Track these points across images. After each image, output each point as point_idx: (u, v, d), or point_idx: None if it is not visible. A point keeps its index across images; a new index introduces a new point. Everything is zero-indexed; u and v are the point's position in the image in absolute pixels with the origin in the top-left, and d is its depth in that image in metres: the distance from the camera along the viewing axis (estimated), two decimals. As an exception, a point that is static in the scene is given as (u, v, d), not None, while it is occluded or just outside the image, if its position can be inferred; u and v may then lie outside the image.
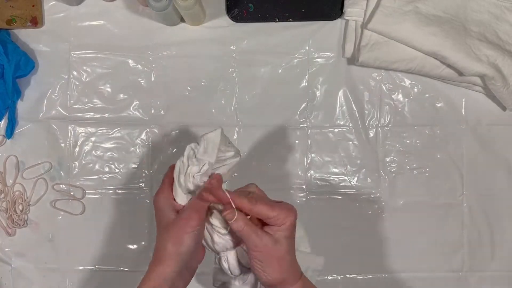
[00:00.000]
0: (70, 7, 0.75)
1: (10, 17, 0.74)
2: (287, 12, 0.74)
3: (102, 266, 0.76)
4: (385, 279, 0.75)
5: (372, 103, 0.75)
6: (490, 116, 0.75)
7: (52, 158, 0.76)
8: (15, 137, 0.75)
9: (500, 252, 0.75)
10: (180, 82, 0.75)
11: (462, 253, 0.75)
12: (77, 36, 0.75)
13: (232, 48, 0.75)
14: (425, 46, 0.69)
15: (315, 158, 0.75)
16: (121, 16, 0.75)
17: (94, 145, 0.76)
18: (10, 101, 0.73)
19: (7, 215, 0.75)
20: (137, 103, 0.76)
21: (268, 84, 0.75)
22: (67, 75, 0.75)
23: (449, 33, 0.68)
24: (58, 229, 0.76)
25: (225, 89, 0.75)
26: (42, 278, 0.76)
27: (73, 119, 0.76)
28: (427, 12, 0.70)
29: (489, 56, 0.69)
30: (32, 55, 0.75)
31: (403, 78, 0.75)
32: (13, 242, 0.76)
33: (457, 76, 0.72)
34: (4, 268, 0.76)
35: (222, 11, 0.74)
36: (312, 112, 0.75)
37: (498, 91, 0.70)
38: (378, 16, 0.69)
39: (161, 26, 0.75)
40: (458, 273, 0.75)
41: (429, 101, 0.75)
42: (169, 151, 0.75)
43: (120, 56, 0.75)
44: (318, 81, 0.75)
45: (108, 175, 0.76)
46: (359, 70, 0.75)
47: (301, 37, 0.75)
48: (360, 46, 0.71)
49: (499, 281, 0.75)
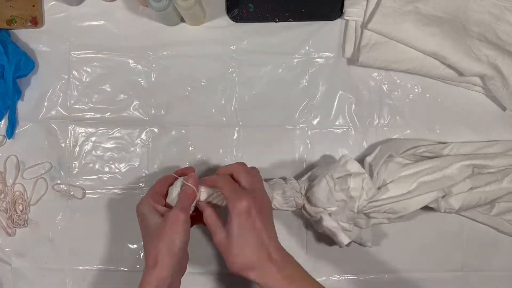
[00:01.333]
0: (70, 7, 0.75)
1: (10, 17, 0.74)
2: (287, 12, 0.74)
3: (102, 266, 0.76)
4: (385, 279, 0.75)
5: (372, 103, 0.75)
6: (490, 116, 0.75)
7: (52, 158, 0.76)
8: (15, 137, 0.75)
9: (500, 252, 0.75)
10: (180, 82, 0.75)
11: (462, 252, 0.75)
12: (77, 36, 0.75)
13: (232, 48, 0.75)
14: (425, 46, 0.69)
15: (315, 158, 0.75)
16: (121, 16, 0.75)
17: (94, 145, 0.76)
18: (11, 101, 0.73)
19: (7, 215, 0.75)
20: (137, 103, 0.76)
21: (268, 84, 0.75)
22: (67, 75, 0.76)
23: (449, 33, 0.69)
24: (58, 229, 0.76)
25: (225, 89, 0.75)
26: (42, 278, 0.76)
27: (73, 119, 0.76)
28: (427, 12, 0.70)
29: (489, 56, 0.69)
30: (32, 55, 0.75)
31: (403, 78, 0.75)
32: (13, 242, 0.76)
33: (457, 76, 0.72)
34: (4, 268, 0.76)
35: (222, 11, 0.75)
36: (312, 112, 0.75)
37: (498, 91, 0.71)
38: (378, 16, 0.69)
39: (161, 26, 0.75)
40: (458, 272, 0.75)
41: (429, 101, 0.75)
42: (169, 151, 0.75)
43: (120, 56, 0.75)
44: (318, 81, 0.75)
45: (108, 175, 0.76)
46: (359, 70, 0.75)
47: (301, 37, 0.75)
48: (360, 46, 0.71)
49: (499, 281, 0.75)
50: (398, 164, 0.69)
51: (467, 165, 0.69)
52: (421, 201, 0.68)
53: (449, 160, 0.69)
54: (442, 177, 0.68)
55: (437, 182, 0.68)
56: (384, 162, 0.68)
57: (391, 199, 0.67)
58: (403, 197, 0.67)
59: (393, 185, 0.68)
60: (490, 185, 0.69)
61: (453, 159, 0.69)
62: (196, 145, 0.75)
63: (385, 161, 0.68)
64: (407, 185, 0.68)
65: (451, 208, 0.68)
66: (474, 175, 0.69)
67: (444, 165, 0.68)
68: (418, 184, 0.68)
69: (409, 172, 0.68)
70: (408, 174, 0.68)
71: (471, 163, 0.69)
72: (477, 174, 0.69)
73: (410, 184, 0.68)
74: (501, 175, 0.69)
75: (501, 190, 0.70)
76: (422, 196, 0.68)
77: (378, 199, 0.67)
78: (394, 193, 0.68)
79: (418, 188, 0.68)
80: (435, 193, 0.68)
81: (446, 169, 0.68)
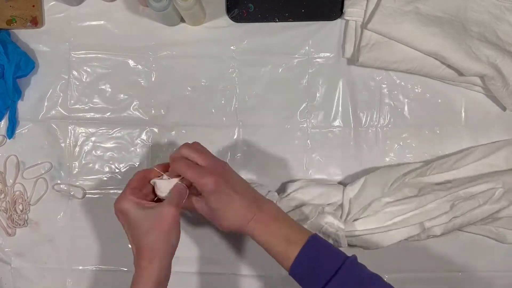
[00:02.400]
0: (70, 7, 0.75)
1: (10, 17, 0.74)
2: (287, 12, 0.74)
3: (102, 266, 0.76)
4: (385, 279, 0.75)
5: (372, 103, 0.75)
6: (490, 116, 0.75)
7: (52, 158, 0.76)
8: (16, 137, 0.76)
9: (499, 252, 0.75)
10: (180, 82, 0.75)
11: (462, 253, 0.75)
12: (77, 36, 0.75)
13: (232, 48, 0.75)
14: (425, 46, 0.69)
15: (315, 158, 0.75)
16: (121, 16, 0.75)
17: (94, 145, 0.76)
18: (11, 101, 0.73)
19: (7, 215, 0.75)
20: (137, 103, 0.76)
21: (268, 84, 0.75)
22: (67, 75, 0.76)
23: (449, 33, 0.69)
24: (58, 229, 0.76)
25: (225, 89, 0.75)
26: (42, 278, 0.76)
27: (73, 119, 0.76)
28: (427, 12, 0.70)
29: (489, 56, 0.69)
30: (32, 55, 0.75)
31: (403, 78, 0.75)
32: (13, 242, 0.76)
33: (457, 76, 0.72)
34: (4, 268, 0.76)
35: (222, 11, 0.75)
36: (312, 112, 0.75)
37: (498, 91, 0.71)
38: (378, 16, 0.69)
39: (161, 26, 0.75)
40: (458, 273, 0.75)
41: (429, 101, 0.75)
42: (169, 151, 0.75)
43: (120, 56, 0.75)
44: (318, 81, 0.75)
45: (108, 175, 0.76)
46: (359, 70, 0.75)
47: (301, 37, 0.75)
48: (360, 46, 0.71)
49: (499, 281, 0.75)
50: (380, 202, 0.70)
51: (447, 201, 0.70)
52: (397, 236, 0.70)
53: (428, 199, 0.69)
54: (420, 213, 0.70)
55: (415, 217, 0.70)
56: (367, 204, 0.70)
57: (366, 231, 0.69)
58: (377, 230, 0.69)
59: (370, 219, 0.70)
60: (472, 211, 0.70)
61: (432, 197, 0.70)
62: (196, 145, 0.75)
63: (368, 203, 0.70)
64: (383, 221, 0.70)
65: (434, 235, 0.70)
66: (454, 206, 0.70)
67: (422, 205, 0.69)
68: (396, 221, 0.70)
69: (389, 209, 0.70)
70: (388, 211, 0.70)
71: (452, 198, 0.70)
72: (459, 203, 0.70)
73: (386, 221, 0.70)
74: (483, 199, 0.70)
75: (484, 212, 0.70)
76: (398, 230, 0.70)
77: (353, 230, 0.70)
78: (369, 226, 0.70)
79: (395, 223, 0.70)
80: (411, 228, 0.70)
81: (425, 207, 0.70)
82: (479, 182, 0.70)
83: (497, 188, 0.70)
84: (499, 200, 0.70)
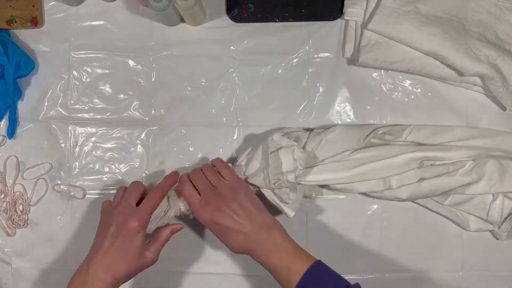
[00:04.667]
0: (70, 7, 0.75)
1: (10, 17, 0.74)
2: (287, 12, 0.74)
3: (102, 266, 0.76)
4: (385, 279, 0.75)
5: (372, 103, 0.75)
6: (490, 116, 0.75)
7: (52, 159, 0.76)
8: (16, 137, 0.75)
9: (499, 252, 0.75)
10: (180, 82, 0.75)
11: (462, 252, 0.75)
12: (77, 36, 0.75)
13: (232, 48, 0.75)
14: (425, 46, 0.69)
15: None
16: (121, 16, 0.75)
17: (94, 145, 0.76)
18: (11, 101, 0.73)
19: (7, 215, 0.75)
20: (137, 103, 0.76)
21: (268, 84, 0.75)
22: (67, 75, 0.76)
23: (449, 33, 0.69)
24: (58, 229, 0.76)
25: (225, 89, 0.75)
26: (42, 278, 0.76)
27: (73, 119, 0.76)
28: (427, 12, 0.70)
29: (489, 56, 0.69)
30: (32, 55, 0.75)
31: (403, 78, 0.75)
32: (13, 242, 0.76)
33: (457, 76, 0.72)
34: (4, 268, 0.76)
35: (222, 11, 0.75)
36: (312, 112, 0.75)
37: (498, 91, 0.71)
38: (378, 16, 0.69)
39: (161, 26, 0.75)
40: (458, 272, 0.75)
41: (429, 101, 0.75)
42: (169, 151, 0.75)
43: (120, 56, 0.75)
44: (318, 81, 0.75)
45: (108, 175, 0.76)
46: (359, 70, 0.75)
47: (301, 37, 0.75)
48: (360, 46, 0.71)
49: (499, 281, 0.75)
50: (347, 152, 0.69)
51: (415, 158, 0.68)
52: (359, 188, 0.69)
53: (397, 150, 0.68)
54: (385, 166, 0.68)
55: (379, 171, 0.68)
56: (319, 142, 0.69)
57: (328, 181, 0.68)
58: (341, 180, 0.68)
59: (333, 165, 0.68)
60: (441, 177, 0.68)
61: (402, 149, 0.68)
62: (196, 145, 0.75)
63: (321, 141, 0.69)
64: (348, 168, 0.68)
65: (398, 198, 0.69)
66: (424, 167, 0.68)
67: (391, 155, 0.68)
68: (360, 170, 0.68)
69: (356, 156, 0.68)
70: (354, 158, 0.68)
71: (421, 155, 0.68)
72: (428, 166, 0.68)
73: (351, 168, 0.68)
74: (454, 167, 0.68)
75: (453, 182, 0.68)
76: (361, 183, 0.68)
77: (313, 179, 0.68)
78: (333, 175, 0.68)
79: (358, 174, 0.68)
80: (375, 182, 0.68)
81: (392, 159, 0.68)
82: (451, 150, 0.69)
83: (469, 161, 0.69)
84: (470, 172, 0.69)
